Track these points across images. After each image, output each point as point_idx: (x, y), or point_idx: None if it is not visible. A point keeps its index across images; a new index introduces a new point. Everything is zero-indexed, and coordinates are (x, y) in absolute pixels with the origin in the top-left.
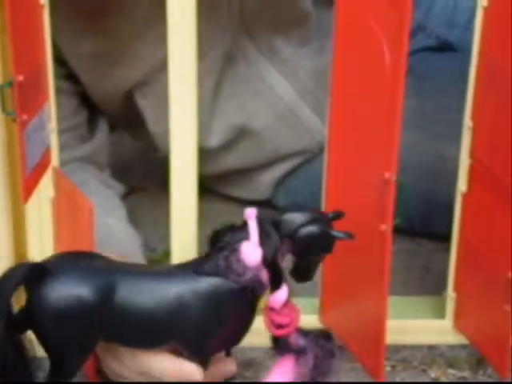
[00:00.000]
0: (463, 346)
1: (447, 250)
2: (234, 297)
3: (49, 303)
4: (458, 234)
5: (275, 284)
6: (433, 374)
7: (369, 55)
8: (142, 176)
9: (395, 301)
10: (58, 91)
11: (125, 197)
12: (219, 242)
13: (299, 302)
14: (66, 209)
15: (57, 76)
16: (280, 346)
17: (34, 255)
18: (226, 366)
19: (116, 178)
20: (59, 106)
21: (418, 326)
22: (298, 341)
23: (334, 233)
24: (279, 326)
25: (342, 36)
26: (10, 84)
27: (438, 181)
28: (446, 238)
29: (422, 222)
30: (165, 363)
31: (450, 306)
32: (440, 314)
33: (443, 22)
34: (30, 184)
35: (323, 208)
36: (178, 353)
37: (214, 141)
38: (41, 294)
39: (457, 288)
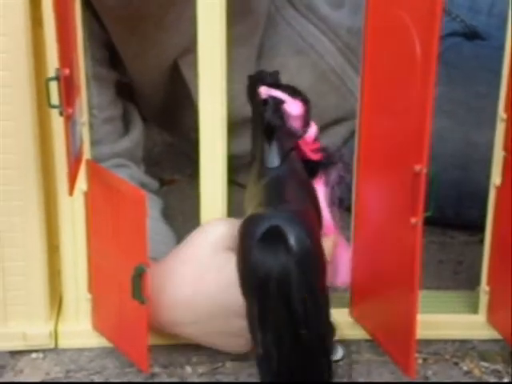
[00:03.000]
0: (496, 341)
1: (480, 243)
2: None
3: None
4: (491, 227)
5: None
6: (465, 366)
7: (399, 46)
8: (171, 169)
9: (427, 295)
10: (97, 78)
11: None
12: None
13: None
14: (105, 201)
15: (96, 61)
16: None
17: (66, 248)
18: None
19: (146, 171)
20: (98, 94)
21: (450, 320)
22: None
23: None
24: (316, 151)
25: (372, 26)
26: (56, 78)
27: (468, 168)
28: (478, 227)
29: (454, 211)
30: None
31: (483, 301)
32: (473, 308)
33: (466, 7)
34: (75, 177)
35: (353, 199)
36: None
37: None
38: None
39: (491, 282)
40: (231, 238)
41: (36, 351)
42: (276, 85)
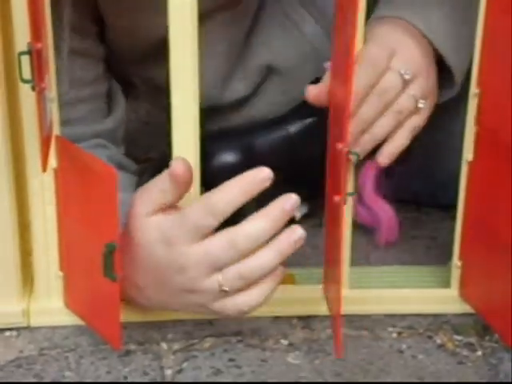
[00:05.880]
0: (469, 314)
1: (454, 219)
2: None
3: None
4: (463, 202)
5: None
6: (439, 340)
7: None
8: (146, 148)
9: (401, 270)
10: (83, 53)
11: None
12: None
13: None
14: (76, 178)
15: (84, 35)
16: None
17: (37, 226)
18: None
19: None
20: (83, 69)
21: (423, 295)
22: None
23: None
24: None
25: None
26: (28, 52)
27: (444, 154)
28: (453, 207)
29: (428, 195)
30: None
31: (455, 275)
32: (445, 283)
33: None
34: (47, 153)
35: None
36: None
37: (241, 88)
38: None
39: (462, 257)
40: (158, 199)
41: (9, 329)
42: None
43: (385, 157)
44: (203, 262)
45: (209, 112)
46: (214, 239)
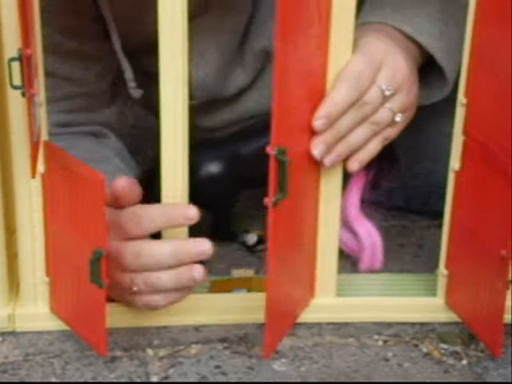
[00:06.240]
0: (455, 323)
1: (441, 227)
2: None
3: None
4: (450, 211)
5: None
6: (425, 348)
7: None
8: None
9: (388, 278)
10: (85, 53)
11: None
12: None
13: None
14: (63, 183)
15: (86, 37)
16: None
17: (24, 231)
18: None
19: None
20: (85, 69)
21: (409, 303)
22: None
23: None
24: None
25: None
26: (18, 58)
27: (439, 159)
28: (440, 215)
29: (421, 202)
30: None
31: (441, 284)
32: (432, 291)
33: None
34: (36, 158)
35: None
36: None
37: (241, 77)
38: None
39: (449, 265)
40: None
41: None
42: None
43: (353, 161)
44: (117, 260)
45: (206, 106)
46: (128, 245)
